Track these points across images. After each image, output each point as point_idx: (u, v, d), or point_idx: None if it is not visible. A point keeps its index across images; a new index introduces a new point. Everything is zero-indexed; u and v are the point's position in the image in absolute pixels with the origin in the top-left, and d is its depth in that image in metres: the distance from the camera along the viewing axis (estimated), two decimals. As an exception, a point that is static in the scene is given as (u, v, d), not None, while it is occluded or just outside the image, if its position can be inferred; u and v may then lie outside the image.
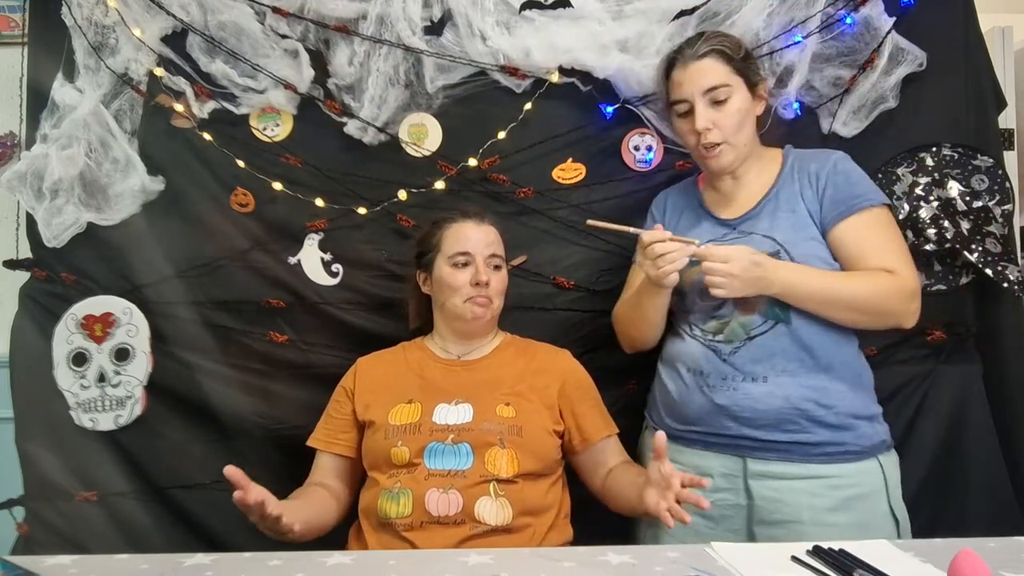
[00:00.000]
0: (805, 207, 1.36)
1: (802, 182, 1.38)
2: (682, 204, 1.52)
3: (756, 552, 1.01)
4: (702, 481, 1.13)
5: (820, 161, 1.39)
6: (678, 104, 1.38)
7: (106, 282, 1.73)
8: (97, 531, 1.66)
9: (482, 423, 1.35)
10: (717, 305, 1.35)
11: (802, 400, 1.29)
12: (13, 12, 1.93)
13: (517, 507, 1.30)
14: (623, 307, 1.53)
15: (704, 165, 1.42)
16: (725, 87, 1.34)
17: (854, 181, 1.36)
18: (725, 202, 1.45)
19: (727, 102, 1.34)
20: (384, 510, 1.31)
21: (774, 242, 1.33)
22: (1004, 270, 1.56)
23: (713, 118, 1.34)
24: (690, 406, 1.37)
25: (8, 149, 1.94)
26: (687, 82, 1.35)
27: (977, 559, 0.82)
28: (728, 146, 1.36)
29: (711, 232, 1.42)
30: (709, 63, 1.34)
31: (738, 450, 1.33)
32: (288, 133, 1.72)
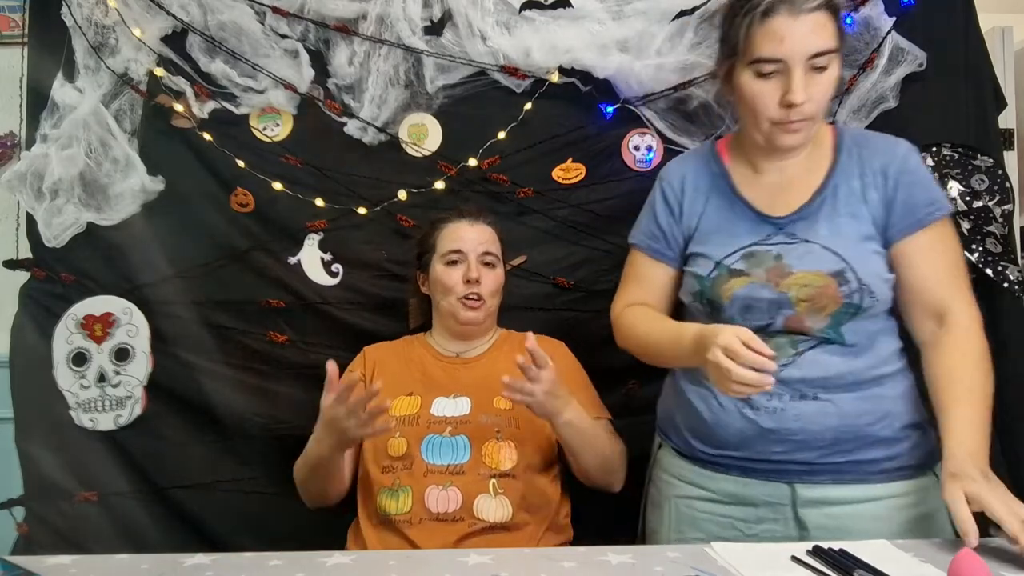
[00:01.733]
0: (868, 212, 1.15)
1: (865, 179, 1.16)
2: (706, 185, 1.27)
3: (756, 552, 1.01)
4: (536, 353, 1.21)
5: (887, 154, 1.17)
6: (766, 63, 1.10)
7: (106, 282, 1.73)
8: (97, 531, 1.66)
9: (480, 416, 1.36)
10: (763, 325, 1.16)
11: (857, 416, 1.14)
12: (13, 12, 1.93)
13: (516, 504, 1.31)
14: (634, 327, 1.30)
15: (774, 141, 1.16)
16: (831, 53, 1.10)
17: (925, 184, 1.16)
18: (763, 188, 1.21)
19: (827, 70, 1.11)
20: (384, 507, 1.31)
21: (838, 257, 1.12)
22: (1004, 270, 1.56)
23: (810, 88, 1.10)
24: (728, 430, 1.18)
25: (8, 149, 1.94)
26: (792, 39, 1.07)
27: (977, 559, 0.82)
28: (812, 122, 1.14)
29: (752, 232, 1.19)
30: (823, 19, 1.09)
31: (784, 476, 1.17)
32: (288, 133, 1.72)
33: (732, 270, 1.17)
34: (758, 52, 1.10)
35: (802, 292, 1.14)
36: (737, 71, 1.16)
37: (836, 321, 1.14)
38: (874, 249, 1.15)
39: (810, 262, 1.14)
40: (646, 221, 1.34)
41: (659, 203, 1.31)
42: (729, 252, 1.19)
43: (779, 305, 1.15)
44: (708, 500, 1.23)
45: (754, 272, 1.17)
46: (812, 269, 1.14)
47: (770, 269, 1.16)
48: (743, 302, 1.17)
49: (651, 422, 1.45)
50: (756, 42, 1.10)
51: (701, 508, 1.23)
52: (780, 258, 1.16)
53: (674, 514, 1.26)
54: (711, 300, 1.20)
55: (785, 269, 1.15)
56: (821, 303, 1.13)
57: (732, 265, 1.18)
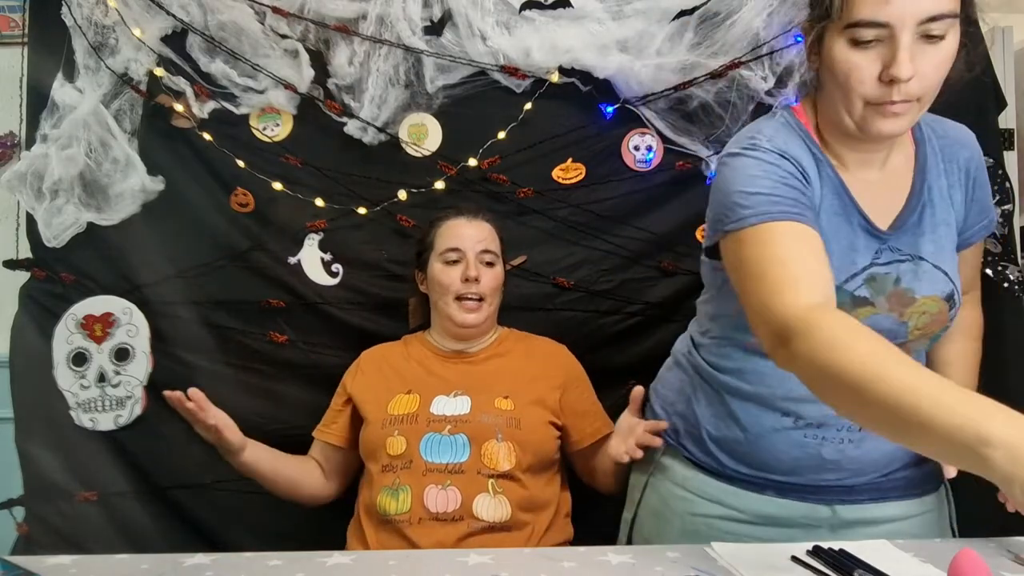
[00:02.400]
0: (956, 216, 1.02)
1: (951, 178, 1.01)
2: (814, 171, 1.00)
3: (756, 552, 1.01)
4: (660, 424, 1.13)
5: (966, 146, 1.03)
6: (866, 28, 0.88)
7: (106, 282, 1.73)
8: (97, 531, 1.66)
9: (480, 415, 1.36)
10: None
11: None
12: (13, 12, 1.93)
13: (515, 504, 1.31)
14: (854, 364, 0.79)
15: (869, 127, 0.94)
16: (949, 18, 0.88)
17: (988, 183, 1.06)
18: (867, 190, 1.00)
19: (943, 41, 0.89)
20: (383, 507, 1.31)
21: (946, 278, 0.99)
22: (1004, 270, 1.56)
23: (920, 62, 0.88)
24: (777, 456, 1.07)
25: (8, 149, 1.94)
26: (893, 2, 0.86)
27: (977, 559, 0.82)
28: (917, 105, 0.93)
29: (866, 249, 0.99)
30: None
31: (826, 497, 1.08)
32: (288, 133, 1.72)
33: (856, 298, 0.98)
34: (858, 14, 0.88)
35: (920, 320, 0.99)
36: (828, 38, 0.93)
37: (930, 343, 1.05)
38: (958, 262, 1.04)
39: (928, 286, 0.99)
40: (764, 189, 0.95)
41: (780, 170, 0.96)
42: (851, 275, 0.99)
43: (895, 335, 0.98)
44: (733, 520, 1.12)
45: (878, 301, 0.99)
46: (930, 294, 0.99)
47: (891, 296, 0.99)
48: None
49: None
50: (855, 1, 0.89)
51: (723, 528, 1.12)
52: (899, 282, 0.99)
53: (689, 533, 1.15)
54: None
55: (907, 295, 0.99)
56: (931, 330, 1.01)
57: (855, 291, 0.98)
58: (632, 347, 1.66)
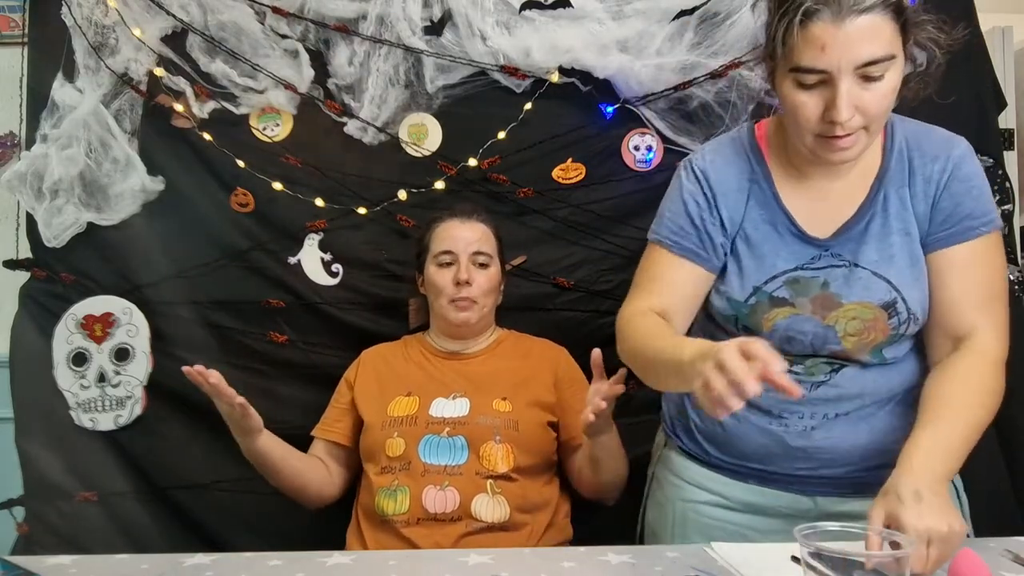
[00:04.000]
0: (917, 226, 1.03)
1: (915, 188, 1.03)
2: (746, 180, 1.09)
3: (756, 552, 1.01)
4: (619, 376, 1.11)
5: (939, 157, 1.04)
6: (808, 73, 0.94)
7: (106, 282, 1.73)
8: (97, 531, 1.66)
9: (478, 417, 1.36)
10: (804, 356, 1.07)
11: (888, 433, 1.06)
12: (13, 12, 1.93)
13: (514, 504, 1.31)
14: (634, 338, 1.07)
15: (819, 156, 1.00)
16: (887, 60, 0.92)
17: (975, 194, 1.03)
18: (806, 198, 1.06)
19: (882, 79, 0.93)
20: (382, 508, 1.31)
21: (889, 286, 1.01)
22: (1004, 270, 1.56)
23: (858, 100, 0.93)
24: (750, 444, 1.11)
25: (8, 149, 1.94)
26: (836, 47, 0.90)
27: (977, 559, 0.82)
28: (865, 133, 0.97)
29: (794, 254, 1.05)
30: (874, 23, 0.90)
31: (806, 488, 1.10)
32: (288, 133, 1.72)
33: (774, 298, 1.05)
34: (797, 60, 0.94)
35: (850, 326, 1.03)
36: (778, 75, 0.99)
37: (876, 351, 1.06)
38: (923, 270, 1.03)
39: (860, 292, 1.03)
40: (672, 213, 1.13)
41: (690, 194, 1.11)
42: (770, 276, 1.06)
43: (824, 340, 1.05)
44: (720, 507, 1.16)
45: (799, 302, 1.05)
46: (862, 300, 1.03)
47: (816, 299, 1.04)
48: (784, 333, 1.06)
49: (650, 423, 1.45)
50: (796, 49, 0.93)
51: (711, 514, 1.16)
52: (827, 286, 1.04)
53: (679, 518, 1.19)
54: (747, 327, 1.08)
55: (833, 300, 1.04)
56: (869, 336, 1.04)
57: (774, 292, 1.05)
58: (632, 347, 1.66)
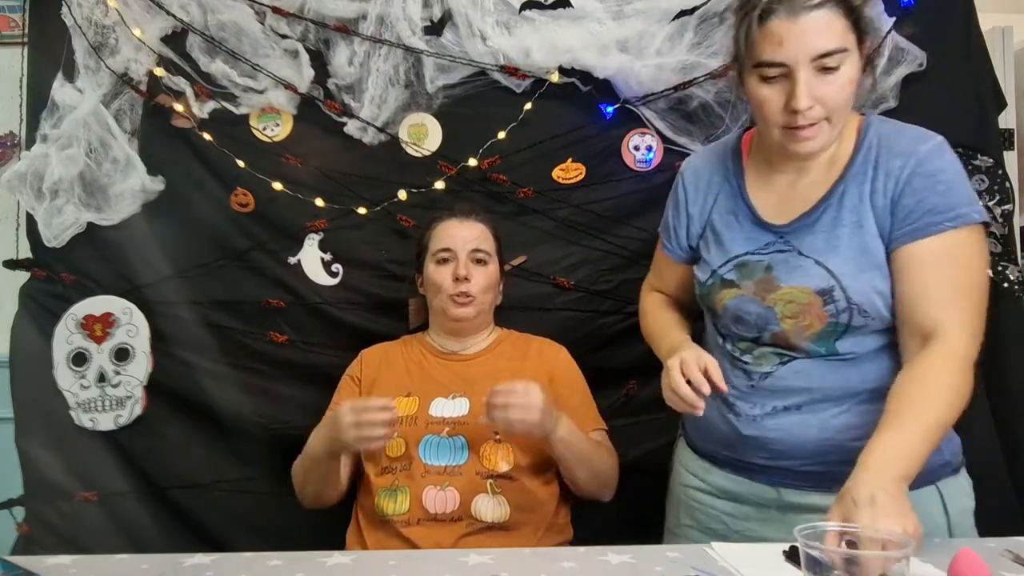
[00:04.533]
0: (875, 221, 1.06)
1: (876, 183, 1.07)
2: (719, 178, 1.21)
3: (756, 552, 1.01)
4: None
5: (904, 154, 1.06)
6: (768, 67, 1.03)
7: (106, 282, 1.73)
8: (97, 531, 1.66)
9: (478, 417, 1.36)
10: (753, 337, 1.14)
11: (841, 430, 1.08)
12: (13, 12, 1.93)
13: (514, 504, 1.31)
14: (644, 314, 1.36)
15: (787, 148, 1.08)
16: (840, 52, 1.00)
17: (941, 189, 1.03)
18: (774, 191, 1.15)
19: (838, 70, 1.01)
20: (382, 508, 1.31)
21: (828, 274, 1.06)
22: (1004, 270, 1.56)
23: (817, 91, 1.01)
24: (715, 431, 1.19)
25: (8, 149, 1.94)
26: (792, 40, 1.00)
27: (977, 559, 0.82)
28: (827, 124, 1.04)
29: (749, 238, 1.14)
30: (826, 17, 0.99)
31: (771, 478, 1.14)
32: (288, 133, 1.72)
33: (724, 280, 1.15)
34: (758, 56, 1.03)
35: (787, 308, 1.09)
36: (745, 76, 1.08)
37: (823, 339, 1.08)
38: (873, 263, 1.06)
39: (799, 277, 1.08)
40: (665, 212, 1.32)
41: (672, 195, 1.30)
42: (724, 261, 1.16)
43: (766, 320, 1.11)
44: (705, 492, 1.23)
45: (744, 284, 1.13)
46: (799, 285, 1.08)
47: (759, 281, 1.12)
48: (733, 313, 1.14)
49: (650, 422, 1.46)
50: (756, 46, 1.03)
51: (698, 499, 1.24)
52: (770, 270, 1.11)
53: (678, 501, 1.29)
54: (708, 307, 1.20)
55: (773, 283, 1.11)
56: (805, 321, 1.08)
57: (725, 275, 1.15)
58: (632, 347, 1.65)
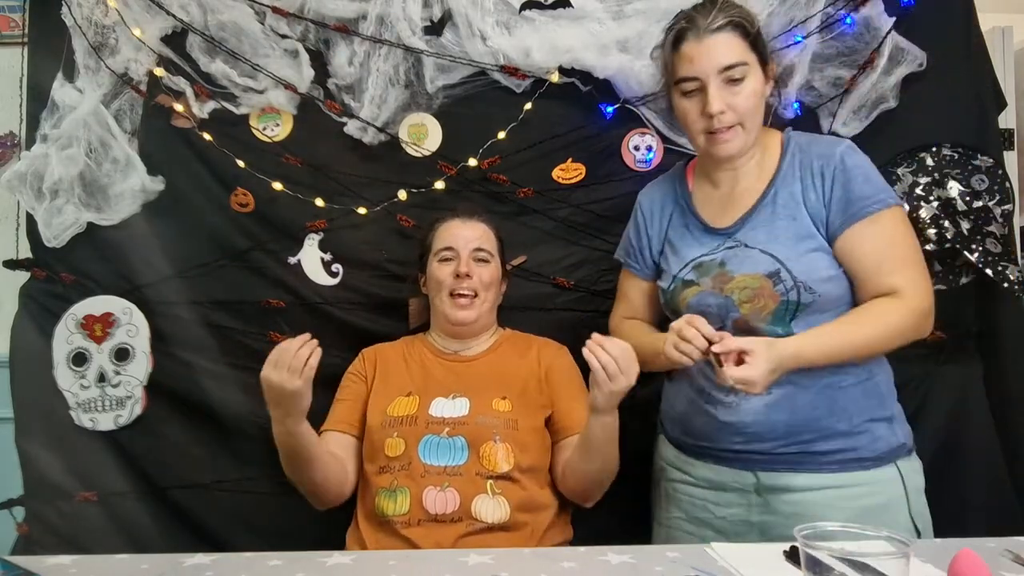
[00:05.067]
0: (807, 213, 1.23)
1: (805, 182, 1.24)
2: (670, 201, 1.39)
3: (756, 552, 1.01)
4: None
5: (824, 156, 1.24)
6: (686, 82, 1.23)
7: (106, 282, 1.73)
8: (97, 531, 1.66)
9: (477, 417, 1.36)
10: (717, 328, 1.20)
11: (809, 409, 1.21)
12: (13, 12, 1.93)
13: (514, 504, 1.31)
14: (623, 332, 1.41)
15: (710, 152, 1.27)
16: (742, 65, 1.21)
17: (861, 180, 1.22)
18: (716, 201, 1.32)
19: (743, 82, 1.21)
20: (382, 508, 1.31)
21: (773, 259, 1.21)
22: (1004, 270, 1.56)
23: (728, 99, 1.21)
24: (694, 422, 1.30)
25: (8, 149, 1.94)
26: (700, 58, 1.20)
27: (977, 559, 0.82)
28: (741, 129, 1.23)
29: (701, 243, 1.30)
30: (725, 38, 1.20)
31: (748, 464, 1.25)
32: (288, 133, 1.72)
33: (685, 281, 1.29)
34: (677, 74, 1.25)
35: (743, 294, 1.22)
36: (671, 95, 1.29)
37: (778, 319, 1.21)
38: (812, 248, 1.22)
39: (748, 266, 1.23)
40: (624, 238, 1.48)
41: (631, 222, 1.46)
42: (683, 265, 1.31)
43: (726, 309, 1.24)
44: (689, 484, 1.33)
45: (702, 281, 1.27)
46: (749, 272, 1.22)
47: (715, 276, 1.26)
48: (696, 309, 1.25)
49: (650, 422, 1.46)
50: (674, 66, 1.25)
51: (684, 491, 1.33)
52: (723, 265, 1.26)
53: (665, 495, 1.37)
54: (673, 309, 1.32)
55: (727, 275, 1.24)
56: (760, 303, 1.21)
57: (685, 277, 1.29)
58: (632, 347, 1.66)
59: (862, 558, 0.75)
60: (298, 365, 1.19)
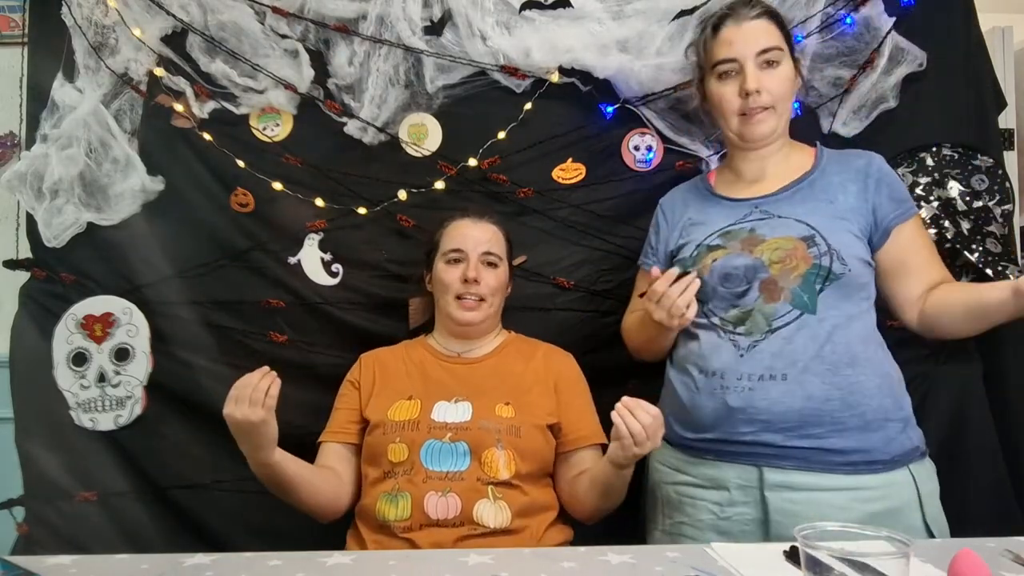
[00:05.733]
0: (847, 200, 1.28)
1: (845, 175, 1.31)
2: (690, 197, 1.44)
3: (756, 552, 1.01)
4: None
5: (864, 158, 1.34)
6: (723, 64, 1.31)
7: (106, 282, 1.73)
8: (97, 531, 1.66)
9: (480, 422, 1.35)
10: (741, 292, 1.25)
11: (826, 400, 1.18)
12: (13, 12, 1.93)
13: (515, 509, 1.30)
14: (632, 328, 1.47)
15: (743, 132, 1.32)
16: (778, 50, 1.29)
17: (899, 185, 1.32)
18: (746, 182, 1.37)
19: (779, 65, 1.29)
20: (383, 512, 1.30)
21: (807, 226, 1.25)
22: (1004, 270, 1.56)
23: (763, 81, 1.28)
24: (702, 411, 1.26)
25: (8, 149, 1.94)
26: (739, 41, 1.29)
27: (977, 559, 0.82)
28: (774, 112, 1.30)
29: (728, 214, 1.33)
30: (764, 24, 1.30)
31: (754, 458, 1.22)
32: (288, 133, 1.72)
33: (710, 246, 1.31)
34: (716, 57, 1.32)
35: (774, 255, 1.24)
36: (707, 83, 1.36)
37: (807, 284, 1.22)
38: (848, 228, 1.26)
39: (781, 230, 1.27)
40: (645, 244, 1.51)
41: (652, 226, 1.50)
42: (709, 233, 1.33)
43: (755, 269, 1.25)
44: (689, 485, 1.30)
45: (730, 244, 1.29)
46: (783, 235, 1.26)
47: (744, 240, 1.28)
48: (721, 271, 1.27)
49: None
50: (713, 51, 1.33)
51: (684, 492, 1.30)
52: (754, 231, 1.29)
53: (664, 499, 1.35)
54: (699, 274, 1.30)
55: (758, 238, 1.27)
56: (792, 263, 1.23)
57: (711, 243, 1.31)
58: (632, 347, 1.66)
59: (862, 558, 0.75)
60: (258, 397, 1.18)
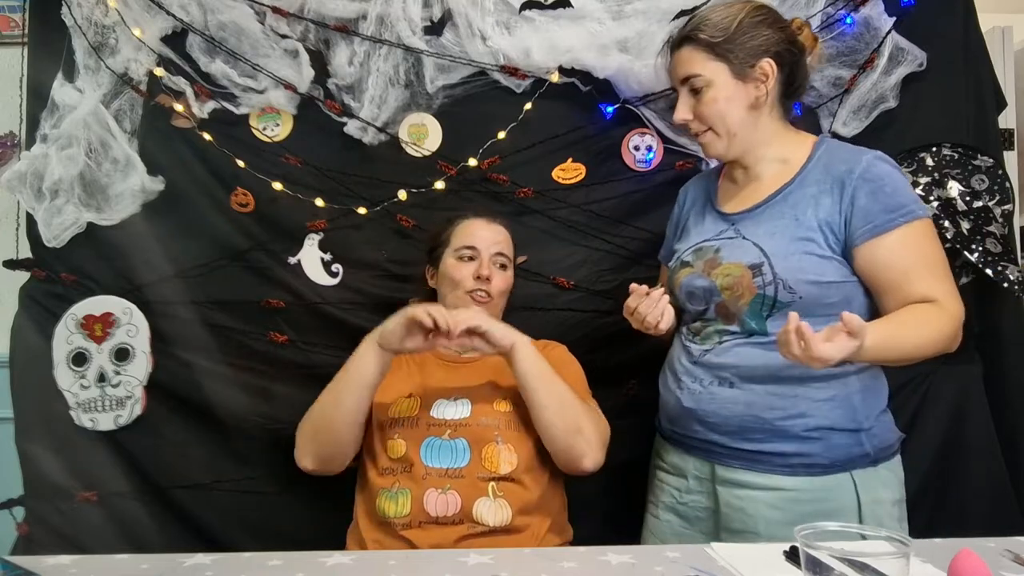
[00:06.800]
0: (814, 217, 1.22)
1: (822, 186, 1.24)
2: (699, 194, 1.45)
3: (756, 552, 1.01)
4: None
5: (849, 162, 1.23)
6: (672, 90, 1.37)
7: (106, 282, 1.73)
8: (97, 531, 1.66)
9: (479, 418, 1.36)
10: (702, 311, 1.29)
11: (766, 409, 1.21)
12: (13, 12, 1.93)
13: (516, 507, 1.30)
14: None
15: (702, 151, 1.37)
16: (697, 77, 1.27)
17: (889, 191, 1.20)
18: (734, 193, 1.36)
19: (703, 91, 1.27)
20: (382, 509, 1.31)
21: (760, 252, 1.23)
22: (1004, 270, 1.56)
23: (694, 108, 1.29)
24: (668, 405, 1.35)
25: (8, 149, 1.94)
26: (673, 70, 1.32)
27: (977, 559, 0.82)
28: (713, 135, 1.29)
29: (710, 228, 1.35)
30: (684, 53, 1.29)
31: (708, 454, 1.29)
32: (288, 133, 1.72)
33: (683, 262, 1.34)
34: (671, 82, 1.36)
35: (725, 280, 1.25)
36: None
37: (754, 312, 1.23)
38: (806, 250, 1.21)
39: (738, 255, 1.26)
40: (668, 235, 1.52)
41: (671, 217, 1.52)
42: (687, 248, 1.36)
43: (711, 292, 1.27)
44: (661, 469, 1.39)
45: (696, 264, 1.31)
46: (735, 261, 1.26)
47: (707, 260, 1.30)
48: (686, 289, 1.31)
49: (651, 423, 1.46)
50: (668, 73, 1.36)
51: (661, 478, 1.39)
52: (718, 251, 1.29)
53: (653, 486, 1.42)
54: (670, 290, 1.34)
55: (717, 261, 1.28)
56: (738, 291, 1.24)
57: (684, 258, 1.34)
58: (632, 347, 1.65)
59: (862, 558, 0.75)
60: (428, 346, 1.33)
